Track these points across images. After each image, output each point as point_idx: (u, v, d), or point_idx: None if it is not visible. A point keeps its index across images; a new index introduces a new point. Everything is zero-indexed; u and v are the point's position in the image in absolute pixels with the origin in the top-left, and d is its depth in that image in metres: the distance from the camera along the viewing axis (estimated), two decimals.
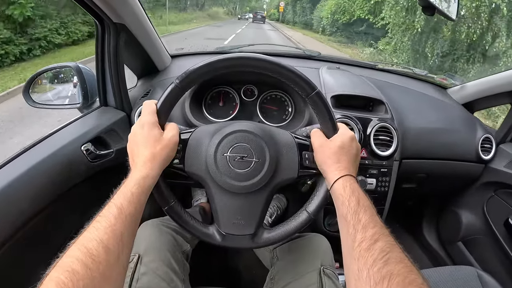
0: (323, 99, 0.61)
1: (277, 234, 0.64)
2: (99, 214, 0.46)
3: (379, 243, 0.45)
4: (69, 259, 0.39)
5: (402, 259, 0.43)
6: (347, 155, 0.60)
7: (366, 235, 0.47)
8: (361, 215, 0.50)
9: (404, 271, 0.41)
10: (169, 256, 0.76)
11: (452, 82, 1.41)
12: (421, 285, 0.40)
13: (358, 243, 0.46)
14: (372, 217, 0.49)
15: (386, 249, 0.44)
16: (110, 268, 0.41)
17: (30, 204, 0.65)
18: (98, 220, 0.45)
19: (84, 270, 0.38)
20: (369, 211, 0.50)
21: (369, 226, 0.48)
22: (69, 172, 0.74)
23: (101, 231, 0.43)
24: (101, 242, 0.42)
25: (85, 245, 0.41)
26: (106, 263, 0.41)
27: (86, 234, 0.43)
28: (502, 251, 1.21)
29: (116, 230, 0.44)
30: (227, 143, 0.60)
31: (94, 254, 0.40)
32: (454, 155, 1.20)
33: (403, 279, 0.40)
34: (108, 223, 0.44)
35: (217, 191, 0.62)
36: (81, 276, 0.38)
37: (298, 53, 1.43)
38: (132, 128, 0.59)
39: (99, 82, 0.93)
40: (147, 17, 0.92)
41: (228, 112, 1.05)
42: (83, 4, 0.74)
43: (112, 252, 0.42)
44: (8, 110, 4.30)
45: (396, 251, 0.44)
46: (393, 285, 0.39)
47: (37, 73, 0.97)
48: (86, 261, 0.39)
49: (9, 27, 6.34)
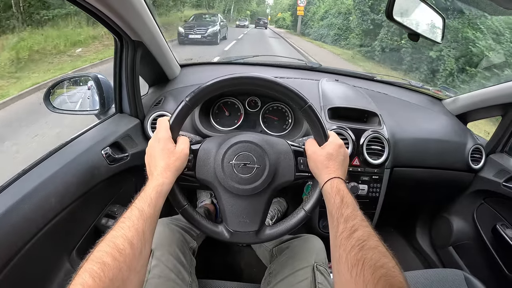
0: (314, 112, 0.69)
1: (278, 230, 0.72)
2: (123, 216, 0.54)
3: (357, 233, 0.53)
4: (100, 253, 0.46)
5: (376, 245, 0.50)
6: (335, 160, 0.68)
7: (347, 226, 0.55)
8: (343, 210, 0.58)
9: (377, 256, 0.48)
10: (178, 251, 0.84)
11: (446, 94, 1.48)
12: (392, 268, 0.46)
13: (340, 233, 0.55)
14: (353, 212, 0.57)
15: (362, 237, 0.51)
16: (134, 260, 0.49)
17: (58, 201, 0.72)
18: (123, 221, 0.52)
19: (113, 262, 0.45)
20: (351, 207, 0.58)
21: (350, 219, 0.56)
22: (91, 173, 0.83)
23: (126, 229, 0.51)
24: (127, 238, 0.49)
25: (113, 241, 0.48)
26: (131, 256, 0.48)
27: (113, 232, 0.50)
28: (490, 256, 1.27)
29: (139, 229, 0.52)
30: (232, 152, 0.69)
31: (121, 248, 0.48)
32: (445, 164, 1.26)
33: (375, 262, 0.47)
34: (132, 223, 0.52)
35: (224, 194, 0.70)
36: (111, 267, 0.45)
37: (300, 65, 1.51)
38: (149, 142, 0.68)
39: (115, 91, 1.02)
40: (161, 33, 1.00)
41: (233, 121, 1.13)
42: (105, 23, 0.82)
43: (136, 247, 0.50)
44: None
45: (372, 239, 0.51)
46: (366, 267, 0.47)
47: (58, 81, 1.05)
48: (115, 254, 0.46)
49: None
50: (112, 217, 0.95)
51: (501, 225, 1.24)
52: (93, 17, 0.78)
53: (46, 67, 5.82)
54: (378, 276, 0.45)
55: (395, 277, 0.45)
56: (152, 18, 0.91)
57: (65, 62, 6.28)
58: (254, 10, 47.06)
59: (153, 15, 0.91)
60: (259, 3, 52.00)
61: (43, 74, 5.38)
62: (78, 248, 0.85)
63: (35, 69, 5.41)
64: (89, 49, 7.21)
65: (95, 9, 0.74)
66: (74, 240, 0.85)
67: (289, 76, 1.33)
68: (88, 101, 1.09)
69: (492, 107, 1.29)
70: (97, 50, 7.24)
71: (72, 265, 0.81)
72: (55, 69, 5.70)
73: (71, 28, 7.48)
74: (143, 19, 0.86)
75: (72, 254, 0.83)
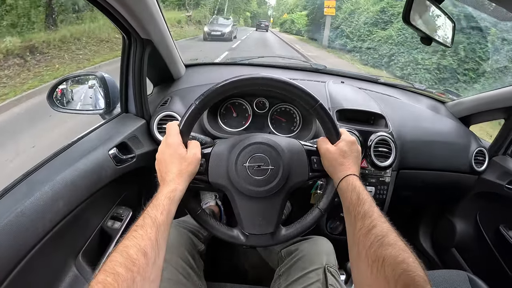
0: (325, 110, 0.69)
1: (294, 230, 0.71)
2: (136, 224, 0.53)
3: (375, 229, 0.52)
4: (113, 263, 0.45)
5: (395, 241, 0.50)
6: (349, 157, 0.68)
7: (364, 223, 0.55)
8: (360, 208, 0.58)
9: (396, 252, 0.48)
10: (187, 254, 0.83)
11: (449, 97, 1.49)
12: (412, 263, 0.46)
13: (358, 230, 0.55)
14: (370, 208, 0.57)
15: (381, 234, 0.51)
16: (148, 270, 0.47)
17: (65, 203, 0.71)
18: (135, 230, 0.51)
19: (127, 273, 0.44)
20: (367, 203, 0.58)
21: (367, 216, 0.55)
22: (98, 174, 0.81)
23: (139, 239, 0.49)
24: (140, 248, 0.48)
25: (126, 251, 0.47)
26: (145, 266, 0.47)
27: (126, 242, 0.49)
28: (493, 257, 1.29)
29: (152, 237, 0.51)
30: (245, 154, 0.68)
31: (134, 258, 0.46)
32: (449, 166, 1.27)
33: (395, 258, 0.47)
34: (145, 232, 0.51)
35: (239, 197, 0.69)
36: (124, 278, 0.44)
37: (306, 66, 1.50)
38: (159, 148, 0.66)
39: (122, 90, 1.00)
40: (169, 32, 0.99)
41: (241, 123, 1.13)
42: (115, 19, 0.81)
43: (149, 256, 0.48)
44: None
45: (390, 235, 0.51)
46: (386, 263, 0.46)
47: (62, 80, 1.03)
48: (128, 265, 0.45)
49: None
50: (118, 219, 0.93)
51: (504, 227, 1.25)
52: (103, 13, 0.77)
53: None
54: (399, 272, 0.45)
55: (416, 272, 0.45)
56: (162, 17, 0.90)
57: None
58: (255, 11, 42.73)
59: (163, 14, 0.90)
60: (260, 3, 46.98)
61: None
62: (84, 251, 0.83)
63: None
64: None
65: (107, 4, 0.73)
66: (80, 242, 0.83)
67: (295, 78, 1.33)
68: (92, 100, 1.07)
69: (495, 110, 1.30)
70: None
71: (78, 268, 0.79)
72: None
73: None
74: (154, 17, 0.85)
75: (78, 257, 0.81)
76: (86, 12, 7.70)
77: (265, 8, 48.59)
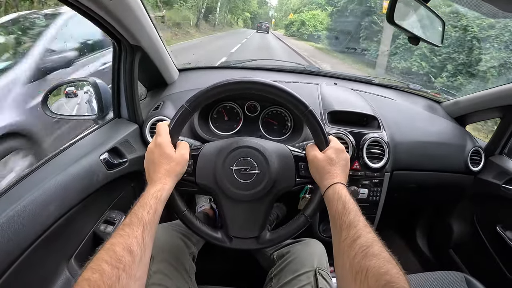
0: (315, 117, 0.69)
1: (279, 235, 0.72)
2: (123, 223, 0.53)
3: (360, 239, 0.52)
4: (99, 261, 0.46)
5: (380, 252, 0.50)
6: (336, 165, 0.67)
7: (350, 233, 0.54)
8: (345, 217, 0.57)
9: (380, 262, 0.47)
10: (178, 257, 0.83)
11: (445, 96, 1.48)
12: (396, 274, 0.46)
13: (343, 239, 0.54)
14: (355, 218, 0.56)
15: (365, 244, 0.51)
16: (134, 267, 0.48)
17: (57, 207, 0.71)
18: (122, 228, 0.52)
19: (112, 270, 0.45)
20: (353, 212, 0.58)
21: (352, 225, 0.55)
22: (90, 179, 0.81)
23: (125, 237, 0.50)
24: (126, 246, 0.49)
25: (112, 249, 0.48)
26: (131, 263, 0.48)
27: (112, 240, 0.50)
28: (490, 257, 1.27)
29: (138, 236, 0.51)
30: (232, 157, 0.68)
31: (120, 255, 0.47)
32: (445, 167, 1.26)
33: (379, 269, 0.46)
34: (131, 230, 0.52)
35: (224, 199, 0.69)
36: (110, 275, 0.44)
37: (299, 68, 1.50)
38: (148, 147, 0.67)
39: (114, 96, 1.01)
40: (159, 37, 0.99)
41: (232, 126, 1.13)
42: (103, 28, 0.82)
43: (135, 254, 0.49)
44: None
45: (375, 246, 0.51)
46: (370, 274, 0.46)
47: (55, 86, 1.04)
48: (114, 262, 0.46)
49: None
50: (111, 223, 0.94)
51: (502, 227, 1.24)
52: (91, 21, 0.78)
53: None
54: (382, 283, 0.45)
55: (399, 283, 0.45)
56: (151, 23, 0.90)
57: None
58: (255, 11, 39.70)
59: (151, 20, 0.90)
60: (261, 4, 43.74)
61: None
62: (77, 255, 0.83)
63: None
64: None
65: (93, 13, 0.73)
66: (73, 246, 0.83)
67: (288, 80, 1.33)
68: (86, 106, 1.08)
69: (490, 109, 1.29)
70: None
71: (71, 271, 0.80)
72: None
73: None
74: (141, 24, 0.85)
75: (70, 261, 0.82)
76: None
77: (266, 9, 46.10)
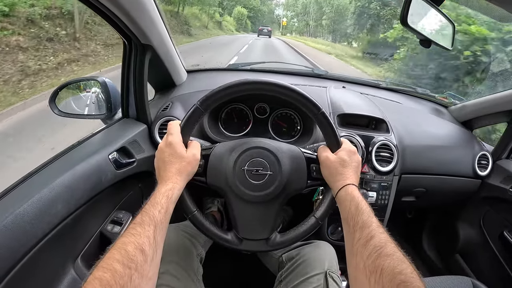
0: (327, 119, 0.69)
1: (289, 237, 0.71)
2: (134, 222, 0.53)
3: (373, 240, 0.52)
4: (110, 260, 0.45)
5: (394, 252, 0.50)
6: (348, 167, 0.67)
7: (363, 234, 0.54)
8: (358, 218, 0.57)
9: (394, 262, 0.47)
10: (186, 258, 0.83)
11: (452, 101, 1.48)
12: (410, 273, 0.46)
13: (356, 241, 0.54)
14: (368, 219, 0.56)
15: (379, 244, 0.51)
16: (146, 267, 0.48)
17: (64, 206, 0.71)
18: (133, 227, 0.52)
19: (124, 269, 0.45)
20: (366, 214, 0.58)
21: (365, 226, 0.55)
22: (98, 178, 0.81)
23: (137, 236, 0.50)
24: (138, 245, 0.48)
25: (124, 248, 0.47)
26: (142, 263, 0.47)
27: (124, 239, 0.49)
28: (497, 262, 1.27)
29: (150, 235, 0.51)
30: (244, 158, 0.68)
31: (132, 255, 0.47)
32: (452, 171, 1.26)
33: (393, 269, 0.46)
34: (142, 229, 0.51)
35: (235, 200, 0.69)
36: (122, 274, 0.44)
37: (308, 72, 1.51)
38: (159, 146, 0.66)
39: (123, 95, 1.01)
40: (170, 37, 0.99)
41: (242, 128, 1.13)
42: (115, 25, 0.82)
43: (147, 254, 0.49)
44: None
45: (389, 246, 0.51)
46: (384, 274, 0.46)
47: (64, 84, 1.04)
48: (125, 262, 0.45)
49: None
50: (118, 223, 0.93)
51: (509, 232, 1.24)
52: (104, 18, 0.77)
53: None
54: (397, 282, 0.45)
55: (414, 283, 0.45)
56: (163, 22, 0.90)
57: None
58: (256, 7, 31.86)
59: (163, 19, 0.90)
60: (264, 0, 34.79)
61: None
62: (83, 254, 0.83)
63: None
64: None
65: (107, 10, 0.73)
66: (80, 246, 0.83)
67: (297, 83, 1.33)
68: (94, 105, 1.08)
69: (498, 114, 1.29)
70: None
71: (77, 271, 0.79)
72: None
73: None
74: (154, 23, 0.85)
75: (77, 260, 0.81)
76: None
77: (270, 5, 36.32)
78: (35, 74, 5.13)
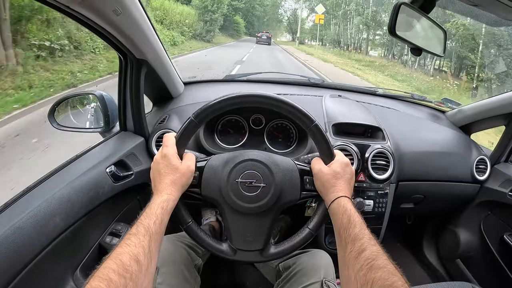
0: (320, 131, 0.69)
1: (283, 249, 0.71)
2: (129, 232, 0.54)
3: (365, 252, 0.53)
4: (106, 270, 0.46)
5: (385, 265, 0.50)
6: (341, 179, 0.68)
7: (354, 246, 0.55)
8: (350, 230, 0.58)
9: (385, 275, 0.48)
10: (183, 269, 0.84)
11: (449, 106, 1.48)
12: (401, 286, 0.46)
13: (348, 253, 0.55)
14: (360, 231, 0.57)
15: (371, 257, 0.52)
16: (141, 277, 0.49)
17: (63, 219, 0.72)
18: (128, 238, 0.53)
19: (119, 279, 0.45)
20: (358, 226, 0.58)
21: (357, 239, 0.56)
22: (96, 192, 0.82)
23: (132, 246, 0.51)
24: (133, 255, 0.49)
25: (119, 258, 0.48)
26: (137, 273, 0.48)
27: (119, 249, 0.50)
28: (498, 267, 1.26)
29: (145, 246, 0.52)
30: (238, 170, 0.69)
31: (127, 265, 0.48)
32: (450, 176, 1.26)
33: (384, 282, 0.47)
34: (138, 240, 0.52)
35: (229, 212, 0.70)
36: (117, 284, 0.45)
37: (304, 81, 1.51)
38: (155, 158, 0.68)
39: (120, 109, 1.02)
40: (165, 51, 1.01)
41: (238, 139, 1.13)
42: (110, 42, 0.83)
43: (142, 264, 0.50)
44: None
45: (380, 258, 0.51)
46: (375, 286, 0.47)
47: (62, 99, 1.05)
48: (121, 272, 0.46)
49: None
50: (116, 235, 0.94)
51: (509, 235, 1.23)
52: (98, 36, 0.79)
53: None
54: None
55: None
56: (157, 37, 0.92)
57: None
58: (257, 10, 26.44)
59: (157, 34, 0.92)
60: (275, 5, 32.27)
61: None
62: (82, 266, 0.84)
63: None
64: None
65: (101, 28, 0.75)
66: (78, 258, 0.84)
67: (293, 93, 1.34)
68: (92, 119, 1.10)
69: (495, 117, 1.29)
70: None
71: (76, 283, 0.79)
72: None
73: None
74: (147, 38, 0.87)
75: (76, 273, 0.82)
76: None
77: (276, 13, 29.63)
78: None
